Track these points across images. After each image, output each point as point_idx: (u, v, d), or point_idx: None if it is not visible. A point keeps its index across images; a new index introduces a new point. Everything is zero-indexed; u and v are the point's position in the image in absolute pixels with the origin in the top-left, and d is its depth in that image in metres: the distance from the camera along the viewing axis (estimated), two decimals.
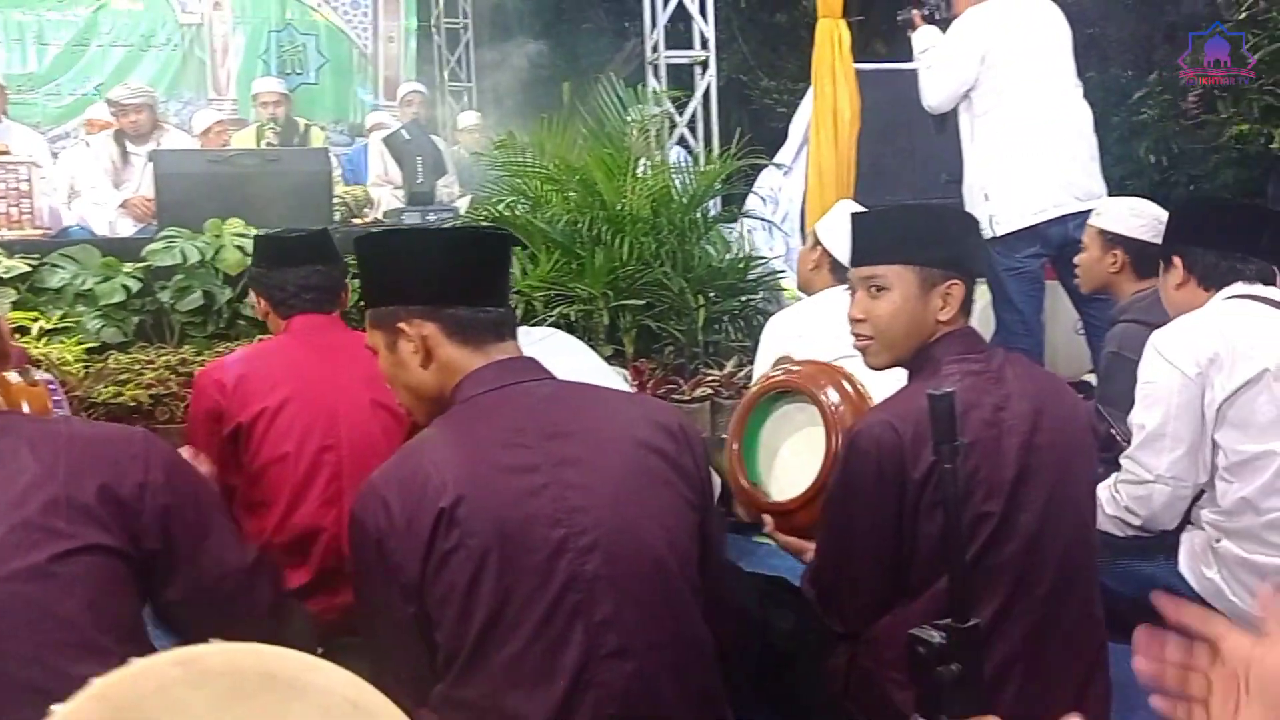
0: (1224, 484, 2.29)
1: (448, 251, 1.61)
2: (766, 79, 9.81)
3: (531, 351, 1.65)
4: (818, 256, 3.16)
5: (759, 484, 2.31)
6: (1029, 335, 4.07)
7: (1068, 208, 3.93)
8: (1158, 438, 2.32)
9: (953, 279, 1.82)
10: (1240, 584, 2.26)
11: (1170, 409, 2.31)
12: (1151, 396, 2.36)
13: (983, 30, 4.05)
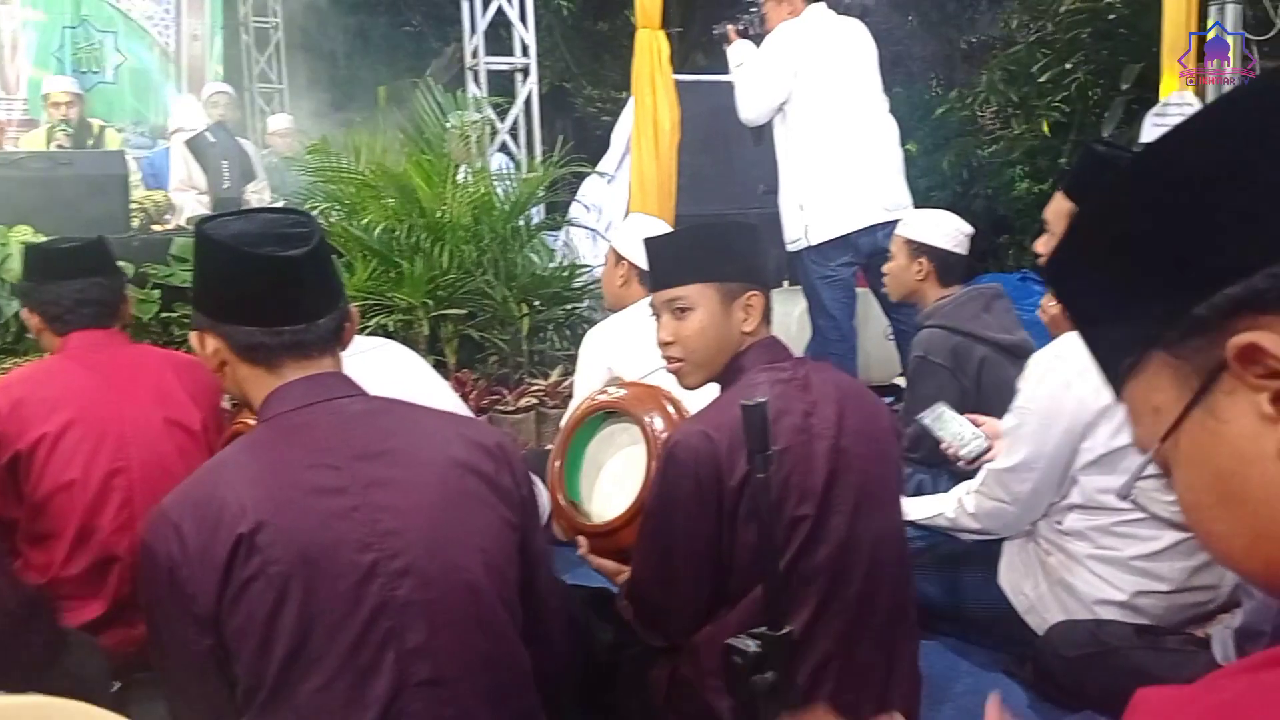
0: (1065, 509, 2.28)
1: (234, 270, 1.47)
2: (590, 87, 9.86)
3: (361, 361, 1.57)
4: (624, 271, 3.16)
5: (579, 503, 2.30)
6: (843, 341, 4.20)
7: (877, 218, 4.07)
8: (1026, 469, 2.24)
9: (751, 290, 1.85)
10: (1058, 602, 2.29)
11: (1047, 444, 2.22)
12: (1025, 428, 2.26)
13: (795, 46, 4.16)
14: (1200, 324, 0.60)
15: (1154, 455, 0.65)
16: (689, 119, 4.83)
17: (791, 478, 1.70)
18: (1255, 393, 0.58)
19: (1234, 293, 0.58)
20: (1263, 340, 0.57)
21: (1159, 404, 0.64)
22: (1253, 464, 0.59)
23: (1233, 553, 0.62)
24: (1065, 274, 0.70)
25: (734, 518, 1.69)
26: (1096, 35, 6.25)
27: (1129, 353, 0.65)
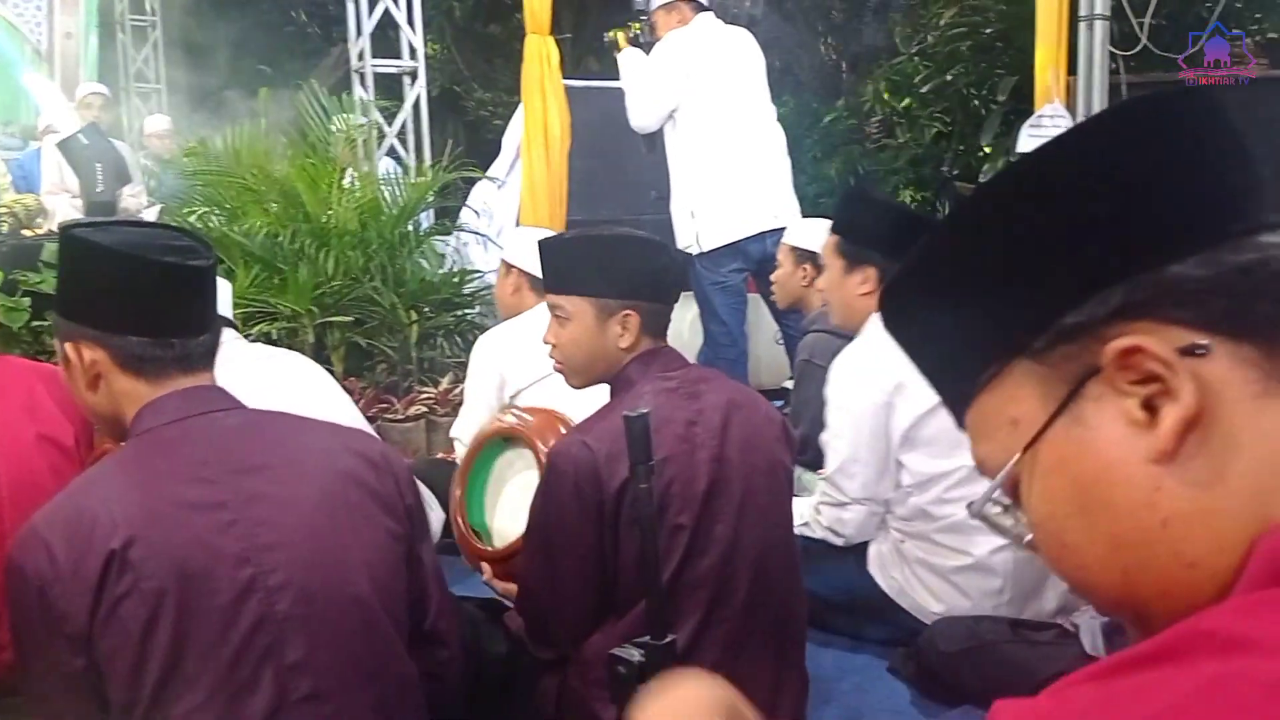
0: (905, 495, 2.43)
1: (124, 278, 1.42)
2: (481, 90, 9.78)
3: (257, 371, 1.53)
4: (514, 280, 3.15)
5: (482, 528, 2.29)
6: (734, 346, 4.25)
7: (766, 225, 4.13)
8: (850, 463, 2.42)
9: (628, 308, 1.84)
10: (920, 582, 2.43)
11: (860, 435, 2.41)
12: (842, 423, 2.45)
13: (685, 55, 4.19)
14: (1071, 331, 0.61)
15: (1010, 468, 0.65)
16: (580, 124, 4.83)
17: (673, 487, 1.72)
18: (1125, 398, 0.59)
19: (1112, 299, 0.59)
20: (1144, 342, 0.57)
21: (1018, 415, 0.64)
22: (1119, 470, 0.59)
23: (1088, 564, 0.62)
24: (915, 292, 0.69)
25: (616, 527, 1.69)
26: (975, 48, 6.44)
27: (989, 365, 0.65)
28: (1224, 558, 0.56)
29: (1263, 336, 0.57)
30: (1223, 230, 0.59)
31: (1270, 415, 0.56)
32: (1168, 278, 0.58)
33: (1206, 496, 0.57)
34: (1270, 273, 0.57)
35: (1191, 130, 0.61)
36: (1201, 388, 0.57)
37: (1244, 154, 0.62)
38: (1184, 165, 0.60)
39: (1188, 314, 0.58)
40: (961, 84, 6.52)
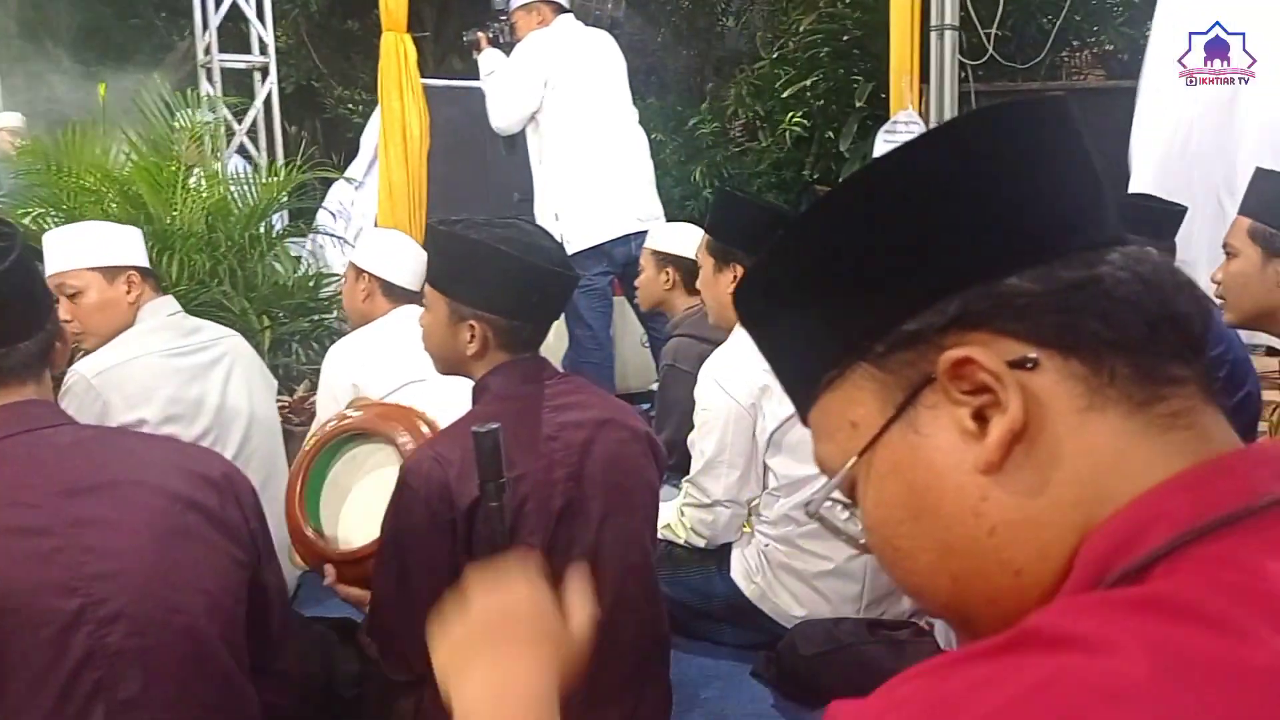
0: (771, 498, 2.47)
1: None
2: (340, 87, 9.54)
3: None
4: (366, 285, 3.06)
5: (324, 531, 2.19)
6: (599, 349, 4.24)
7: (630, 228, 4.14)
8: (716, 464, 2.44)
9: (477, 319, 1.79)
10: (783, 586, 2.46)
11: (726, 437, 2.44)
12: (709, 424, 2.48)
13: (546, 56, 4.17)
14: (910, 338, 0.61)
15: (848, 470, 0.65)
16: (441, 124, 4.75)
17: (527, 505, 1.68)
18: (958, 407, 0.60)
19: (949, 308, 0.60)
20: (976, 354, 0.58)
21: (857, 419, 0.64)
22: (949, 478, 0.60)
23: (918, 569, 0.63)
24: (763, 291, 0.69)
25: (470, 545, 1.65)
26: (833, 55, 6.58)
27: (832, 366, 0.65)
28: (1047, 566, 0.58)
29: (1090, 352, 0.58)
30: (1059, 246, 0.60)
31: (1092, 429, 0.58)
32: (1004, 290, 0.59)
33: (1031, 506, 0.58)
34: (1101, 290, 0.59)
35: (1033, 144, 0.62)
36: (1029, 400, 0.58)
37: (1084, 169, 0.64)
38: (1025, 179, 0.61)
39: (1021, 327, 0.59)
40: (821, 89, 6.65)
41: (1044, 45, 5.77)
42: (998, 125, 0.63)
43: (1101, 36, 6.69)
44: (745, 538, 2.56)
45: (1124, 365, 0.58)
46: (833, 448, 0.67)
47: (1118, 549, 0.55)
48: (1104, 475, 0.57)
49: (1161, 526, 0.54)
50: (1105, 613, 0.51)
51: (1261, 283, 2.09)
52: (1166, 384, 0.59)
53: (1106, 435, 0.58)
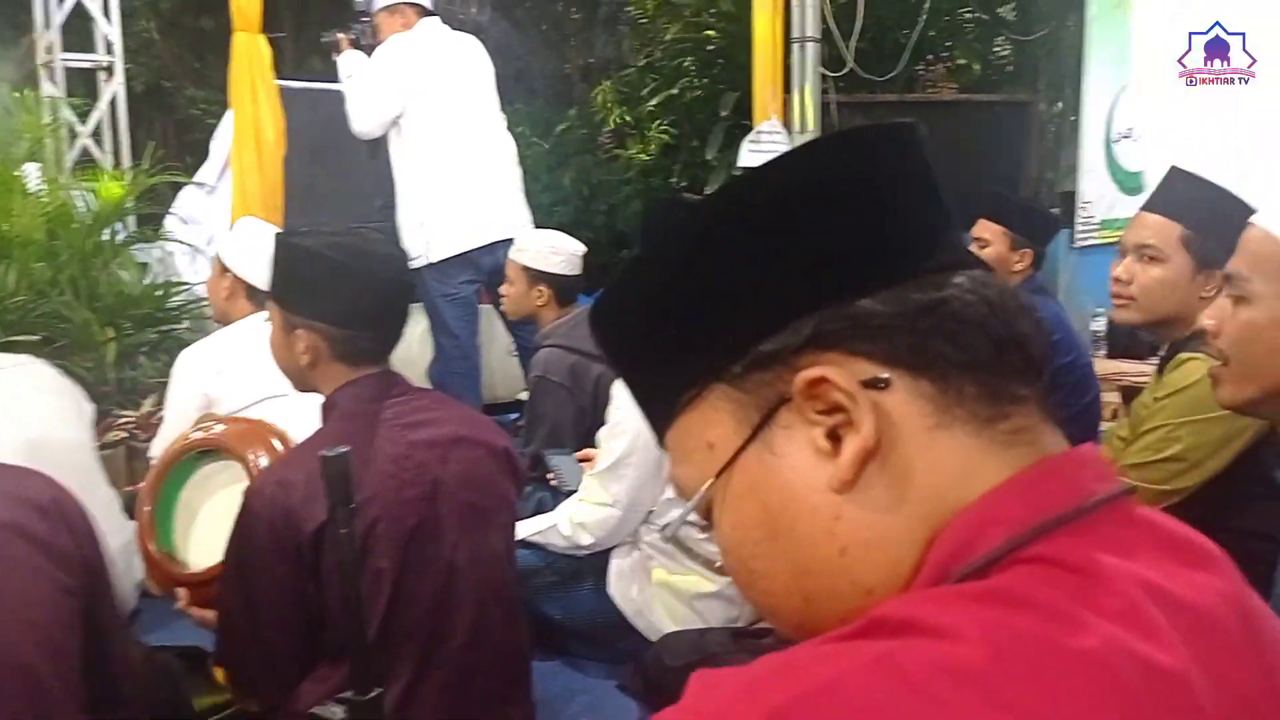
0: (665, 508, 2.43)
1: None
2: (193, 88, 9.17)
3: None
4: (229, 284, 2.92)
5: (174, 552, 2.09)
6: (465, 359, 4.17)
7: (497, 235, 4.07)
8: (622, 465, 2.40)
9: (306, 328, 1.72)
10: (660, 604, 2.44)
11: (638, 439, 2.39)
12: (623, 425, 2.43)
13: (409, 58, 4.08)
14: (765, 359, 0.61)
15: (705, 491, 0.66)
16: (300, 128, 4.60)
17: (377, 527, 1.61)
18: (812, 427, 0.60)
19: (804, 329, 0.61)
20: (829, 373, 0.59)
21: (714, 440, 0.64)
22: (803, 499, 0.61)
23: (773, 589, 0.64)
24: (619, 311, 0.69)
25: (317, 571, 1.58)
26: (700, 63, 6.64)
27: (689, 387, 0.65)
28: (897, 582, 0.59)
29: (939, 372, 0.60)
30: (911, 268, 0.61)
31: (941, 447, 0.60)
32: (857, 312, 0.60)
33: (882, 524, 0.60)
34: (949, 312, 0.60)
35: (884, 167, 0.63)
36: (881, 419, 0.59)
37: (933, 192, 0.65)
38: (876, 202, 0.62)
39: (873, 348, 0.60)
40: (688, 98, 6.70)
41: (901, 58, 5.94)
42: (850, 149, 0.64)
43: (955, 51, 6.92)
44: (627, 549, 2.53)
45: (971, 385, 0.60)
46: (690, 469, 0.67)
47: (958, 551, 0.57)
48: (951, 491, 0.59)
49: (997, 529, 0.57)
50: (948, 601, 0.54)
51: (1188, 292, 2.07)
52: (1010, 402, 0.61)
53: (954, 452, 0.60)
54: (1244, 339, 1.29)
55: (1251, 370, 1.29)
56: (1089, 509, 0.58)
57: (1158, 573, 0.56)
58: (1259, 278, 1.27)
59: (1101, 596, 0.53)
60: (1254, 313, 1.27)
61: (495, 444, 1.84)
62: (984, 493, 0.58)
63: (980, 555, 0.56)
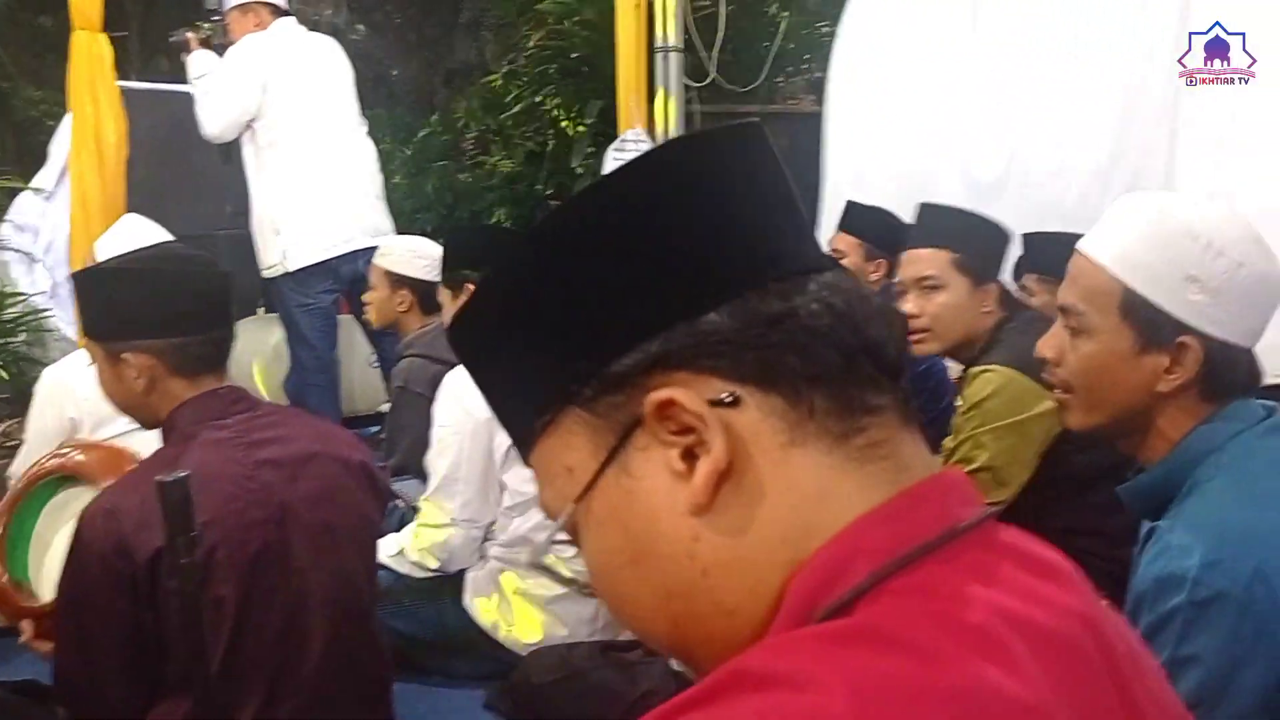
0: (506, 519, 2.41)
1: None
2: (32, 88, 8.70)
3: None
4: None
5: (25, 581, 1.97)
6: (324, 371, 4.06)
7: (358, 243, 3.98)
8: (452, 481, 2.37)
9: (130, 350, 1.63)
10: (519, 614, 2.41)
11: (463, 452, 2.37)
12: (445, 441, 2.41)
13: (263, 59, 3.96)
14: (616, 381, 0.60)
15: (567, 516, 0.64)
16: (146, 131, 4.38)
17: (217, 553, 1.52)
18: (667, 449, 0.59)
19: (651, 349, 0.59)
20: (677, 395, 0.58)
21: (572, 463, 0.63)
22: (663, 522, 0.59)
23: (640, 613, 0.63)
24: (473, 332, 0.67)
25: (154, 600, 1.49)
26: (563, 71, 6.62)
27: (545, 410, 0.63)
28: (758, 605, 0.58)
29: (789, 387, 0.58)
30: (757, 279, 0.60)
31: (795, 465, 0.58)
32: (703, 328, 0.59)
33: (741, 545, 0.58)
34: (797, 324, 0.59)
35: (727, 174, 0.62)
36: (733, 439, 0.58)
37: (782, 196, 0.64)
38: (719, 211, 0.61)
39: (721, 364, 0.58)
40: (552, 105, 6.68)
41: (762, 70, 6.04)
42: (691, 157, 0.62)
43: (813, 64, 7.08)
44: (480, 562, 2.49)
45: (822, 399, 0.59)
46: (553, 493, 0.65)
47: (823, 585, 0.56)
48: (808, 511, 0.58)
49: (862, 561, 0.56)
50: (810, 647, 0.53)
51: (971, 310, 2.23)
52: (864, 414, 0.60)
53: (809, 470, 0.59)
54: (1088, 371, 1.34)
55: (1098, 400, 1.34)
56: (954, 536, 0.58)
57: (1020, 598, 0.56)
58: (1093, 311, 1.31)
59: (966, 629, 0.53)
60: (1094, 346, 1.32)
61: (351, 459, 1.76)
62: (848, 521, 0.57)
63: (845, 591, 0.55)
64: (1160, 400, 1.30)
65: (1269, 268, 1.28)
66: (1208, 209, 1.31)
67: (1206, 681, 1.15)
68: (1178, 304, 1.26)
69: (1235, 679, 1.15)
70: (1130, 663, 0.60)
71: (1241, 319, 1.27)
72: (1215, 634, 1.15)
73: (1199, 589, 1.15)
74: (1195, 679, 1.16)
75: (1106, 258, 1.31)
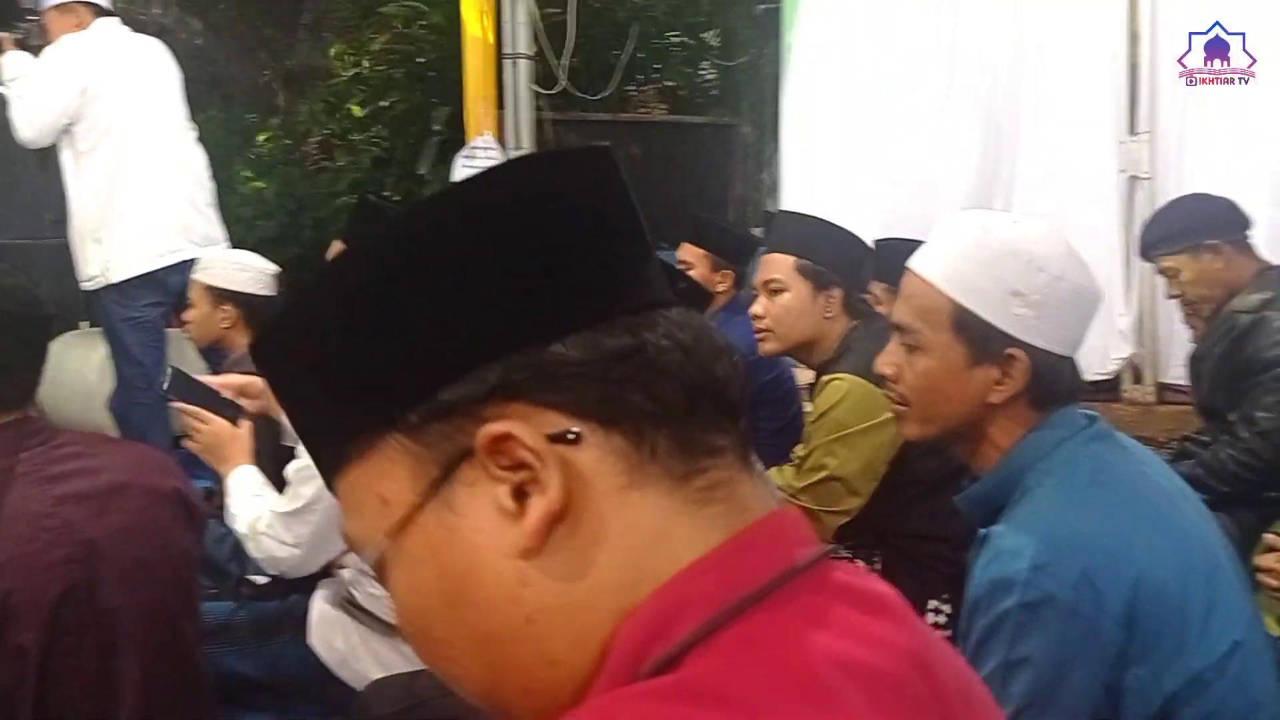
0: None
1: None
2: None
3: None
4: None
5: None
6: (150, 389, 3.84)
7: (186, 253, 3.82)
8: (308, 510, 2.24)
9: None
10: (368, 649, 2.29)
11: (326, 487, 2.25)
12: (311, 468, 2.26)
13: (82, 60, 3.78)
14: (446, 409, 0.55)
15: (375, 551, 0.59)
16: None
17: (13, 598, 1.40)
18: (497, 485, 0.55)
19: (489, 377, 0.55)
20: (514, 429, 0.54)
21: (388, 494, 0.58)
22: (487, 563, 0.55)
23: (454, 658, 0.58)
24: (288, 343, 0.61)
25: None
26: (410, 76, 6.50)
27: (360, 435, 0.58)
28: (584, 655, 0.55)
29: (632, 426, 0.55)
30: (604, 310, 0.56)
31: (634, 508, 0.55)
32: (546, 358, 0.55)
33: (572, 591, 0.55)
34: (644, 360, 0.56)
35: (577, 198, 0.58)
36: (570, 478, 0.54)
37: (629, 225, 0.60)
38: (567, 236, 0.57)
39: (563, 399, 0.55)
40: (399, 110, 6.55)
41: (612, 78, 6.05)
42: (542, 177, 0.59)
43: (663, 73, 7.14)
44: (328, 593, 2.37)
45: (665, 439, 0.56)
46: (360, 524, 0.60)
47: (650, 637, 0.54)
48: (644, 557, 0.55)
49: (692, 611, 0.53)
50: (635, 708, 0.50)
51: (813, 314, 2.30)
52: (705, 455, 0.57)
53: (648, 513, 0.56)
54: (924, 388, 1.37)
55: (934, 413, 1.38)
56: (786, 579, 0.55)
57: (854, 641, 0.54)
58: (927, 328, 1.35)
59: (798, 680, 0.51)
60: (929, 362, 1.36)
61: (164, 487, 1.63)
62: (682, 566, 0.55)
63: (673, 645, 0.52)
64: (991, 411, 1.34)
65: (1085, 280, 1.33)
66: (1027, 226, 1.36)
67: (1037, 683, 1.18)
68: (1004, 318, 1.30)
69: (1065, 680, 1.18)
70: (962, 701, 0.59)
71: (1063, 330, 1.32)
72: (1045, 636, 1.18)
73: (1029, 592, 1.18)
74: (1027, 680, 1.18)
75: (937, 276, 1.34)
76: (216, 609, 2.40)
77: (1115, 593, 1.17)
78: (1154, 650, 1.18)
